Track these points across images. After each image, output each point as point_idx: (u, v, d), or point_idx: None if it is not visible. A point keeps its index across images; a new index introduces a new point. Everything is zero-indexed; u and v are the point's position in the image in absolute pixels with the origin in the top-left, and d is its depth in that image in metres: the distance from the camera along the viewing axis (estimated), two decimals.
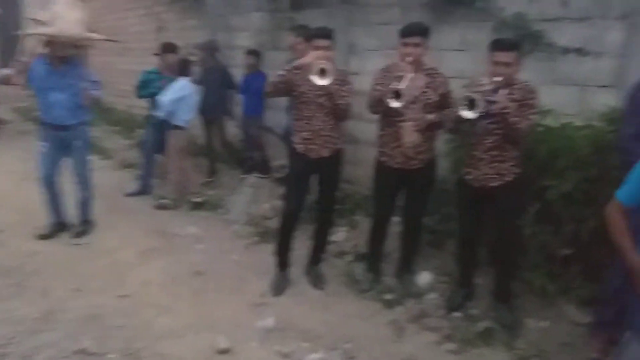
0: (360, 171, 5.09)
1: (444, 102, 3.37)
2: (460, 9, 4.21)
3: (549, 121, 3.47)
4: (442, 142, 3.89)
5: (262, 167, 5.80)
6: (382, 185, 3.60)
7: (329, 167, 3.67)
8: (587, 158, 3.20)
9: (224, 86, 6.04)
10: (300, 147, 3.63)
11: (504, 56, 3.01)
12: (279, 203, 5.16)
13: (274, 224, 4.84)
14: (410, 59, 3.19)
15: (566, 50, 3.66)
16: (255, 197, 5.36)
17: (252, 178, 5.66)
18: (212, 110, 6.05)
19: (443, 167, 3.84)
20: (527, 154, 3.32)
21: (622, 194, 2.32)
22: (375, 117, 4.25)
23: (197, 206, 5.49)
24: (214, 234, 4.85)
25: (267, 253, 4.09)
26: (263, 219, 5.02)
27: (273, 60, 5.87)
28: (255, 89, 5.59)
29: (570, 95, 3.69)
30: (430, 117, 3.36)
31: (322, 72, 3.23)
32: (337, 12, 5.16)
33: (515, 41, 3.26)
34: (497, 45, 3.07)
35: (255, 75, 5.73)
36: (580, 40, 3.61)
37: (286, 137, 4.64)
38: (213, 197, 5.68)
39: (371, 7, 4.90)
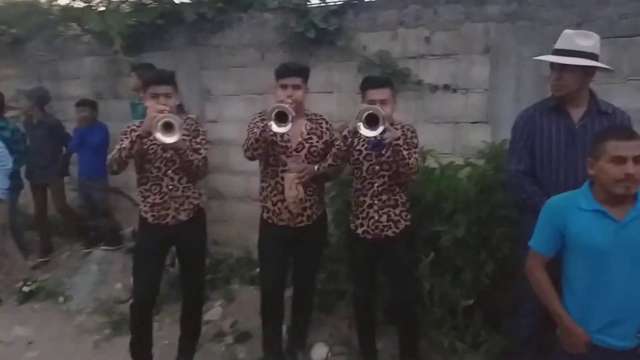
0: (229, 229, 4.51)
1: (328, 152, 2.97)
2: (321, 49, 3.93)
3: (430, 162, 3.26)
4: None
5: (111, 237, 4.86)
6: (269, 248, 3.03)
7: (190, 233, 3.04)
8: (475, 199, 3.01)
9: (56, 143, 5.00)
10: (150, 216, 2.95)
11: (379, 93, 2.73)
12: None
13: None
14: (289, 102, 2.75)
15: (434, 88, 3.54)
16: (103, 277, 4.43)
17: (99, 252, 4.71)
18: (42, 172, 4.98)
19: None
20: (412, 198, 3.05)
21: (536, 243, 2.13)
22: (246, 167, 3.79)
23: (28, 297, 4.37)
24: (51, 332, 3.84)
25: (123, 350, 3.25)
26: (116, 303, 4.13)
27: (113, 109, 5.06)
28: (95, 145, 4.75)
29: (442, 134, 3.57)
30: (315, 167, 2.93)
31: (167, 127, 2.64)
32: (185, 54, 4.58)
33: (388, 78, 3.05)
34: (370, 83, 2.80)
35: (92, 128, 4.82)
36: (446, 77, 3.52)
37: None
38: (49, 282, 4.58)
39: (224, 49, 4.42)
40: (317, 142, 2.96)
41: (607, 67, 2.44)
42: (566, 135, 2.50)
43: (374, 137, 2.52)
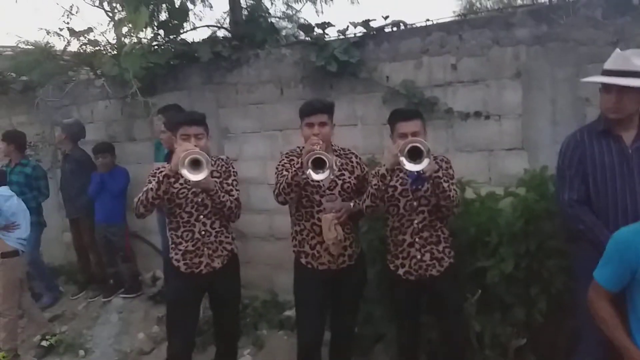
0: (253, 271, 4.32)
1: (361, 187, 2.83)
2: (343, 82, 3.82)
3: (468, 193, 3.11)
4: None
5: (131, 284, 4.69)
6: (309, 295, 2.83)
7: (224, 281, 2.88)
8: (520, 230, 2.85)
9: (86, 176, 4.80)
10: (182, 265, 2.80)
11: (410, 126, 2.62)
12: (157, 329, 4.13)
13: (155, 359, 3.81)
14: (320, 143, 2.62)
15: (465, 115, 3.42)
16: (124, 327, 4.24)
17: (118, 300, 4.54)
18: (71, 205, 4.90)
19: None
20: (453, 233, 2.89)
21: (602, 277, 1.98)
22: (268, 206, 3.76)
23: (47, 351, 4.16)
24: None
25: None
26: (139, 355, 3.93)
27: (129, 152, 4.96)
28: (116, 190, 4.64)
29: (476, 162, 3.43)
30: (351, 204, 2.79)
31: (194, 164, 2.53)
32: (201, 93, 4.50)
33: (417, 109, 2.95)
34: (400, 116, 2.69)
35: (112, 173, 4.70)
36: (477, 104, 3.40)
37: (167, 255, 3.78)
38: (67, 335, 4.39)
39: (241, 86, 4.33)
40: (350, 178, 2.83)
41: None
42: (620, 160, 2.35)
43: (417, 171, 2.38)
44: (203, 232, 2.80)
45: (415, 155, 2.35)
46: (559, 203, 2.50)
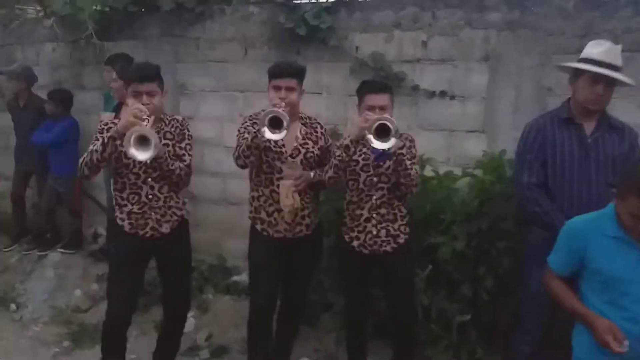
0: (202, 235, 4.20)
1: (324, 158, 2.78)
2: (311, 48, 3.72)
3: (426, 171, 3.14)
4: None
5: (72, 239, 4.46)
6: (263, 261, 2.77)
7: (173, 246, 2.76)
8: (475, 210, 2.91)
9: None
10: (127, 224, 2.66)
11: (379, 99, 2.58)
12: (96, 287, 3.97)
13: (92, 317, 3.67)
14: (283, 105, 2.54)
15: (431, 94, 3.42)
16: (60, 283, 4.04)
17: (55, 255, 4.31)
18: (29, 158, 4.55)
19: None
20: (409, 208, 2.91)
21: (554, 262, 2.07)
22: (222, 168, 3.81)
23: None
24: (2, 345, 3.44)
25: None
26: (75, 312, 3.77)
27: (78, 101, 4.64)
28: (65, 139, 4.33)
29: (437, 142, 3.45)
30: (312, 173, 2.73)
31: (141, 141, 2.34)
32: (159, 45, 4.26)
33: (387, 83, 2.92)
34: (369, 88, 2.65)
35: (61, 122, 4.39)
36: (443, 84, 3.40)
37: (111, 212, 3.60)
38: None
39: (203, 42, 4.13)
40: (313, 147, 2.77)
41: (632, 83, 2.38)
42: (579, 148, 2.42)
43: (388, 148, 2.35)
44: (150, 196, 2.63)
45: (382, 133, 2.32)
46: (517, 185, 2.56)
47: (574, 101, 2.44)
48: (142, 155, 2.35)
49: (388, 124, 2.30)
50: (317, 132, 2.82)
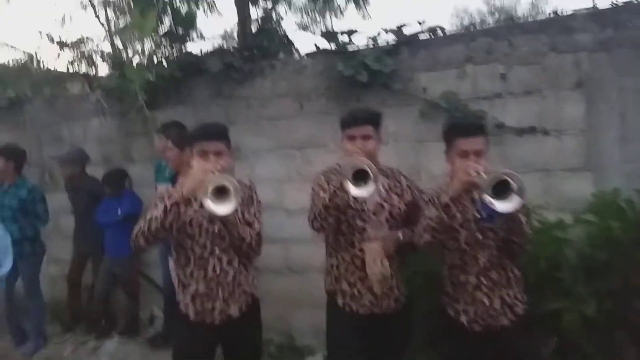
0: (266, 310, 3.76)
1: (412, 214, 2.37)
2: (371, 94, 3.40)
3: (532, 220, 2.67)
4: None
5: (128, 323, 4.13)
6: (347, 344, 2.32)
7: (243, 331, 2.35)
8: (602, 265, 2.41)
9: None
10: (192, 312, 2.30)
11: (474, 143, 2.18)
12: None
13: None
14: (358, 154, 2.18)
15: (518, 131, 3.00)
16: None
17: (111, 344, 3.97)
18: (85, 242, 4.32)
19: None
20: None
21: None
22: (284, 234, 3.45)
23: None
24: None
25: None
26: None
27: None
28: (124, 217, 4.00)
29: (533, 184, 2.96)
30: (399, 234, 2.33)
31: (220, 192, 2.02)
32: (208, 108, 4.05)
33: (481, 123, 2.52)
34: (461, 130, 2.25)
35: (119, 198, 4.14)
36: (530, 118, 2.99)
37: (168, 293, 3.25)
38: None
39: (254, 100, 3.89)
40: (399, 202, 2.37)
41: None
42: None
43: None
44: (219, 271, 2.28)
45: (500, 189, 1.91)
46: None
47: None
48: (221, 208, 2.01)
49: (509, 179, 1.89)
50: (401, 184, 2.43)
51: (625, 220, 2.45)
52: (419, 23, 3.31)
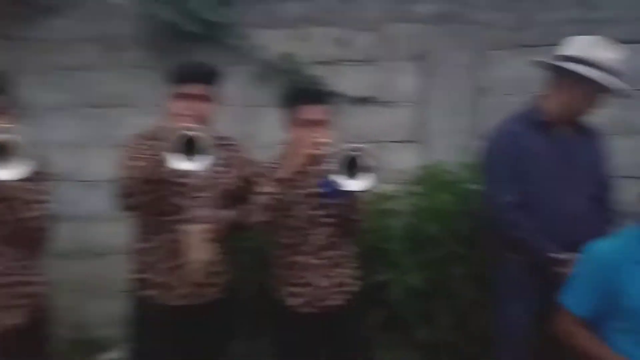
0: (56, 300, 3.16)
1: (246, 190, 2.05)
2: (200, 49, 2.94)
3: None
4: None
5: None
6: (151, 343, 1.98)
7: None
8: (431, 236, 2.42)
9: None
10: None
11: (319, 112, 2.00)
12: None
13: None
14: (189, 118, 1.82)
15: (356, 101, 2.89)
16: None
17: None
18: None
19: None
20: None
21: (574, 303, 1.63)
22: (79, 210, 2.96)
23: None
24: None
25: None
26: None
27: None
28: None
29: None
30: (231, 214, 2.01)
31: None
32: None
33: (326, 90, 2.44)
34: (306, 98, 2.04)
35: None
36: (367, 88, 2.90)
37: None
38: None
39: (48, 44, 3.13)
40: (233, 177, 2.05)
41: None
42: (561, 157, 2.03)
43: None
44: None
45: (352, 166, 1.76)
46: (492, 206, 2.10)
47: (555, 104, 2.04)
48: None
49: (359, 155, 1.76)
50: (235, 155, 2.10)
51: (452, 192, 2.50)
52: None
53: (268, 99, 2.86)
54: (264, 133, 2.97)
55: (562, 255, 1.87)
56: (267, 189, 1.90)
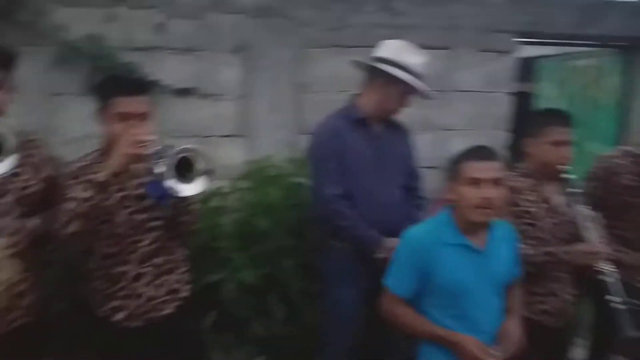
0: None
1: (51, 195, 1.74)
2: None
3: None
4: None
5: None
6: None
7: None
8: (262, 231, 2.41)
9: None
10: None
11: (139, 104, 1.76)
12: None
13: None
14: None
15: (176, 92, 2.71)
16: None
17: None
18: None
19: None
20: None
21: (396, 285, 1.77)
22: None
23: None
24: None
25: None
26: None
27: None
28: None
29: None
30: (35, 223, 1.70)
31: None
32: None
33: (146, 79, 2.20)
34: (123, 88, 1.78)
35: None
36: (188, 79, 2.75)
37: None
38: None
39: None
40: (33, 180, 1.73)
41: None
42: (375, 151, 2.19)
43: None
44: None
45: (182, 168, 1.59)
46: (318, 198, 2.17)
47: (370, 102, 2.18)
48: None
49: (193, 156, 1.60)
50: (36, 154, 1.77)
51: (280, 186, 2.52)
52: None
53: (72, 87, 2.54)
54: (68, 126, 2.63)
55: (383, 241, 2.03)
56: (78, 193, 1.64)
